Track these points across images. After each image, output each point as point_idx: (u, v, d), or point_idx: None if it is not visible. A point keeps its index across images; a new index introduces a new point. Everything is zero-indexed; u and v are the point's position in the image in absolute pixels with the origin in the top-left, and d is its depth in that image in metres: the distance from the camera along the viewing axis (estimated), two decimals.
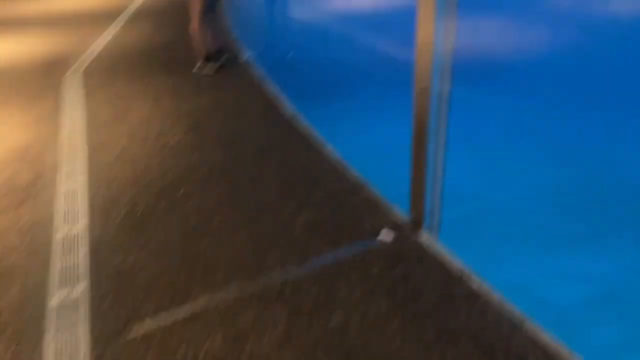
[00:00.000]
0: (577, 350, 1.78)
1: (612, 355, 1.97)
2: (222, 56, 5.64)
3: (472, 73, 2.25)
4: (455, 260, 2.36)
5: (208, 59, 5.43)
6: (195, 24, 5.21)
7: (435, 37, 2.14)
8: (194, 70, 5.40)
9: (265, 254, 2.47)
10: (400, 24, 2.64)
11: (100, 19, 8.50)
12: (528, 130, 2.52)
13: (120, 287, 2.31)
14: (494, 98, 2.54)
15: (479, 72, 2.32)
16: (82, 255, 2.54)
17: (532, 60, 2.12)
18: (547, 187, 2.74)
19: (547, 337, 1.91)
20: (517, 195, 2.78)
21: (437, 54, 2.17)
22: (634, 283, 2.03)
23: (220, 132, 3.93)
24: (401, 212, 2.70)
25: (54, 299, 2.28)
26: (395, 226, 2.61)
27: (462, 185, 2.79)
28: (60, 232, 2.75)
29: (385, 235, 2.53)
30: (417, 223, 2.56)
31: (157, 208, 2.92)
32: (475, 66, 2.26)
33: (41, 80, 5.43)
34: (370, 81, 3.05)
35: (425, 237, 2.52)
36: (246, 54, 5.99)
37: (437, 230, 2.55)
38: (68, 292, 2.32)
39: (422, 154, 2.39)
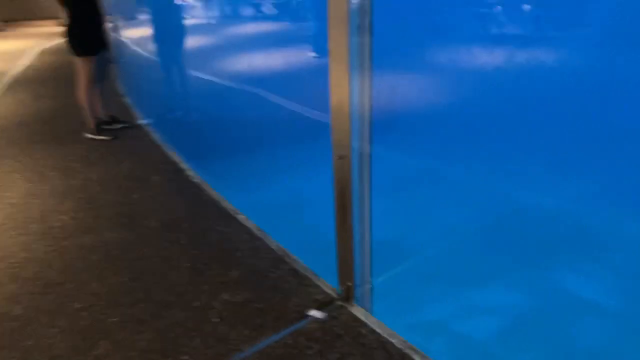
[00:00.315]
0: None
1: None
2: (115, 124, 5.24)
3: (389, 130, 2.16)
4: (392, 333, 2.16)
5: (99, 127, 5.00)
6: (82, 92, 4.80)
7: (351, 98, 2.02)
8: (85, 137, 4.94)
9: (177, 355, 2.10)
10: (314, 82, 2.52)
11: None
12: (446, 180, 2.48)
13: None
14: (411, 153, 2.48)
15: (395, 128, 2.23)
16: None
17: (445, 114, 2.11)
18: (470, 232, 2.68)
19: None
20: (443, 248, 2.68)
21: (355, 115, 2.05)
22: (541, 310, 1.99)
23: (117, 208, 3.50)
24: (329, 285, 2.48)
25: None
26: (324, 302, 2.37)
27: (389, 248, 2.64)
28: None
29: (316, 314, 2.28)
30: (348, 296, 2.35)
31: (41, 309, 2.43)
32: (391, 123, 2.17)
33: None
34: (285, 144, 2.88)
35: (358, 311, 2.31)
36: (143, 120, 5.62)
37: (369, 302, 2.35)
38: None
39: (347, 222, 2.22)
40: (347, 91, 2.01)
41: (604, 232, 1.66)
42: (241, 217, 3.21)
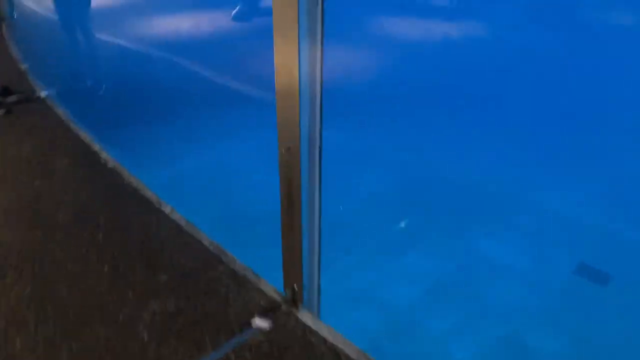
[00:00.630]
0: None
1: (447, 341, 2.02)
2: (9, 96, 4.56)
3: (336, 112, 1.94)
4: (345, 341, 1.97)
5: None
6: None
7: (300, 77, 1.73)
8: None
9: None
10: (252, 58, 2.22)
11: None
12: (389, 160, 2.38)
13: None
14: (357, 133, 2.33)
15: (342, 109, 2.03)
16: None
17: (392, 89, 1.97)
18: (401, 206, 2.58)
19: None
20: (384, 236, 2.55)
21: (304, 98, 1.77)
22: (456, 274, 2.11)
23: (16, 200, 2.99)
24: (273, 287, 2.23)
25: None
26: (268, 308, 2.12)
27: (333, 242, 2.44)
28: None
29: (260, 324, 2.02)
30: (294, 300, 2.11)
31: None
32: (339, 104, 1.95)
33: None
34: (220, 124, 2.54)
35: (306, 316, 2.08)
36: (44, 91, 4.94)
37: (317, 304, 2.13)
38: None
39: (294, 219, 1.96)
40: (296, 69, 1.72)
41: (513, 200, 1.73)
42: (167, 209, 2.84)
